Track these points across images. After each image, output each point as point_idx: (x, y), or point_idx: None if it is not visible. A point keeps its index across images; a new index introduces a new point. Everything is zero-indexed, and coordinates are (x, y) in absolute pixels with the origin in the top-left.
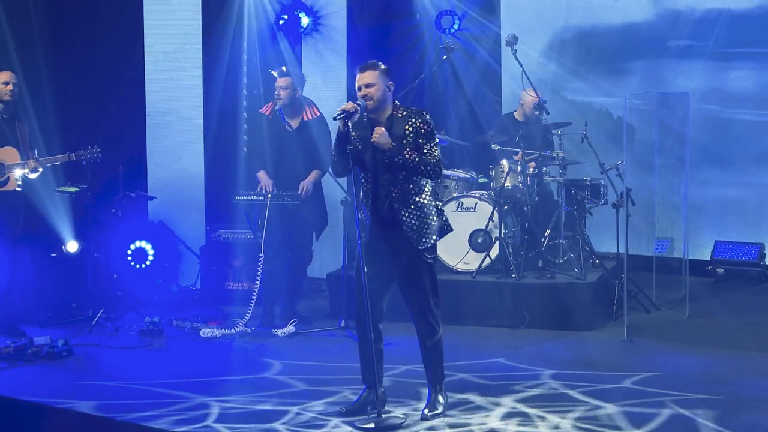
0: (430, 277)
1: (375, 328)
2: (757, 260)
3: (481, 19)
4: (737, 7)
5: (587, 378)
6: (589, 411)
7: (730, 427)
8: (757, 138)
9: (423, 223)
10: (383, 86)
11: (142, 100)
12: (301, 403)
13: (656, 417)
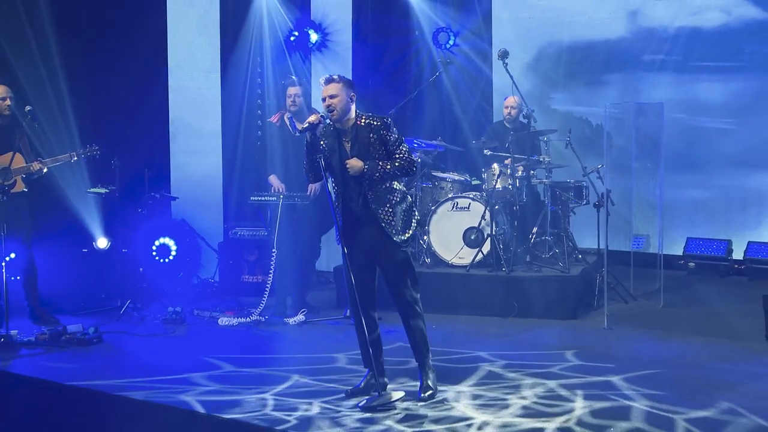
0: (409, 267)
1: (368, 316)
2: (725, 255)
3: (474, 35)
4: (705, 25)
5: (571, 363)
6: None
7: (701, 406)
8: (724, 144)
9: (398, 219)
10: (346, 97)
11: (166, 110)
12: (308, 384)
13: (632, 398)
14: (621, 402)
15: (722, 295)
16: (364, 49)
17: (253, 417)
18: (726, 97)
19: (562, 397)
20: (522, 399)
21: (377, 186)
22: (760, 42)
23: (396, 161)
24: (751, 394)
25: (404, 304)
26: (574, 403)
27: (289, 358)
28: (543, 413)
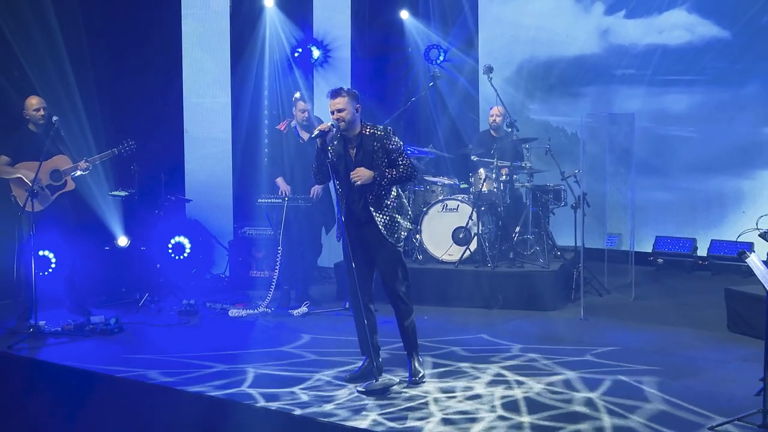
0: (401, 265)
1: (366, 308)
2: (691, 252)
3: (462, 52)
4: (671, 42)
5: (550, 350)
6: (553, 377)
7: (668, 389)
8: (688, 150)
9: (394, 221)
10: (352, 109)
11: (181, 120)
12: (313, 371)
13: (607, 382)
14: (596, 386)
15: (688, 288)
16: (362, 64)
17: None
18: (690, 108)
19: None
20: (507, 385)
21: (377, 190)
22: (719, 58)
23: (400, 167)
24: (715, 379)
25: (395, 298)
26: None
27: (294, 345)
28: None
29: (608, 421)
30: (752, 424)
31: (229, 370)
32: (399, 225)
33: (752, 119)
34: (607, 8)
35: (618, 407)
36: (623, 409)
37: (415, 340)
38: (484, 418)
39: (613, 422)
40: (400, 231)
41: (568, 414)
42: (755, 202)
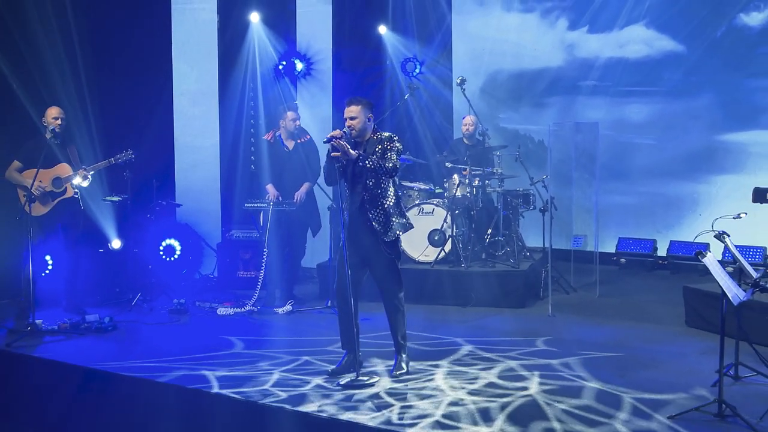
0: (395, 268)
1: (352, 306)
2: (651, 252)
3: (437, 64)
4: (630, 56)
5: (521, 344)
6: (520, 368)
7: (630, 380)
8: (648, 157)
9: (388, 221)
10: (364, 118)
11: (171, 129)
12: (295, 366)
13: (574, 374)
14: (562, 379)
15: (649, 286)
16: (343, 76)
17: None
18: (649, 116)
19: (509, 377)
20: (479, 378)
21: (372, 190)
22: (675, 70)
23: (384, 160)
24: (674, 371)
25: (389, 300)
26: (522, 381)
27: (279, 341)
28: (494, 391)
29: (566, 404)
30: (708, 413)
31: (218, 365)
32: (393, 224)
33: (705, 128)
34: (570, 24)
35: (575, 395)
36: (581, 398)
37: (404, 338)
38: (453, 404)
39: (569, 409)
40: (395, 230)
41: (529, 400)
42: (710, 205)
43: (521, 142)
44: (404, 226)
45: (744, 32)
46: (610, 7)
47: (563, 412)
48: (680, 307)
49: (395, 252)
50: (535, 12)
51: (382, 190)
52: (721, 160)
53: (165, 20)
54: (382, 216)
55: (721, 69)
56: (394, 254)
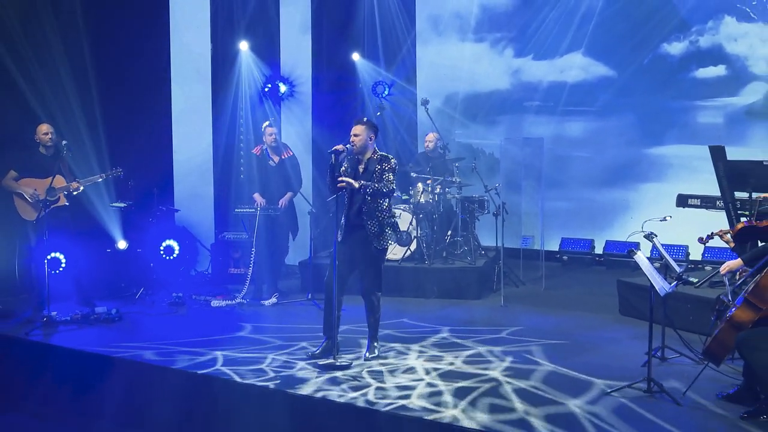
0: (379, 270)
1: (337, 298)
2: (589, 250)
3: (403, 86)
4: (569, 80)
5: (477, 331)
6: (475, 351)
7: (571, 362)
8: (584, 168)
9: (381, 231)
10: (366, 137)
11: (170, 144)
12: (280, 350)
13: (522, 357)
14: (511, 361)
15: (587, 280)
16: (321, 97)
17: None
18: (585, 133)
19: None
20: (440, 361)
21: (370, 203)
22: (608, 92)
23: (382, 183)
24: (610, 354)
25: (369, 295)
26: (475, 364)
27: (265, 329)
28: (453, 372)
29: (520, 386)
30: (639, 389)
31: (212, 350)
32: (385, 234)
33: (633, 142)
34: (516, 52)
35: (527, 376)
36: (531, 378)
37: (377, 329)
38: (419, 384)
39: (523, 387)
40: (386, 240)
41: (486, 380)
42: (639, 209)
43: (475, 154)
44: (395, 237)
45: (667, 60)
46: (551, 37)
47: (514, 391)
48: (615, 298)
49: (383, 257)
50: (486, 42)
51: (378, 203)
52: (646, 170)
53: (164, 48)
54: (377, 227)
55: (646, 91)
56: (382, 259)
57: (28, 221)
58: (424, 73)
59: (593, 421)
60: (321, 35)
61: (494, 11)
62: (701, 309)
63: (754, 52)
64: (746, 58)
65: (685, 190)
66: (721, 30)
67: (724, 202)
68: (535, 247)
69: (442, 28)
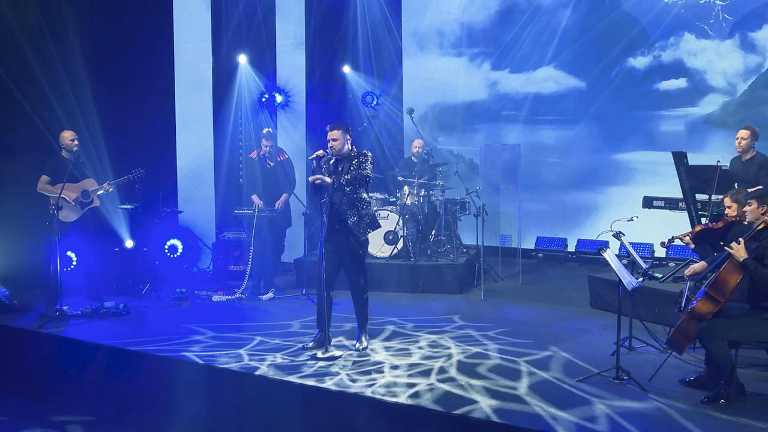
0: (362, 263)
1: (328, 294)
2: (563, 248)
3: (391, 97)
4: (544, 91)
5: (459, 323)
6: (460, 341)
7: (542, 350)
8: (557, 172)
9: (361, 221)
10: (343, 139)
11: (174, 150)
12: (278, 340)
13: (500, 345)
14: (491, 349)
15: (561, 275)
16: (314, 106)
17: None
18: (558, 140)
19: (450, 347)
20: (425, 348)
21: (350, 195)
22: (579, 103)
23: (357, 171)
24: (581, 344)
25: (356, 288)
26: (459, 351)
27: (264, 321)
28: (434, 357)
29: (497, 371)
30: (608, 377)
31: (214, 341)
32: (365, 225)
33: (602, 148)
34: (493, 66)
35: (508, 363)
36: (513, 365)
37: (366, 318)
38: (407, 374)
39: (500, 374)
40: (365, 230)
41: (473, 370)
42: (608, 210)
43: (456, 160)
44: (374, 226)
45: (632, 73)
46: (526, 52)
47: (492, 377)
48: (586, 292)
49: (364, 249)
50: (465, 56)
51: (357, 195)
52: (614, 174)
53: (169, 60)
54: (356, 217)
55: (614, 102)
56: (363, 251)
57: (67, 222)
58: (410, 84)
59: (563, 408)
60: (314, 49)
61: (473, 28)
62: (665, 302)
63: (712, 67)
64: (704, 71)
65: (650, 192)
66: (682, 46)
67: (686, 203)
68: (513, 245)
69: (426, 44)
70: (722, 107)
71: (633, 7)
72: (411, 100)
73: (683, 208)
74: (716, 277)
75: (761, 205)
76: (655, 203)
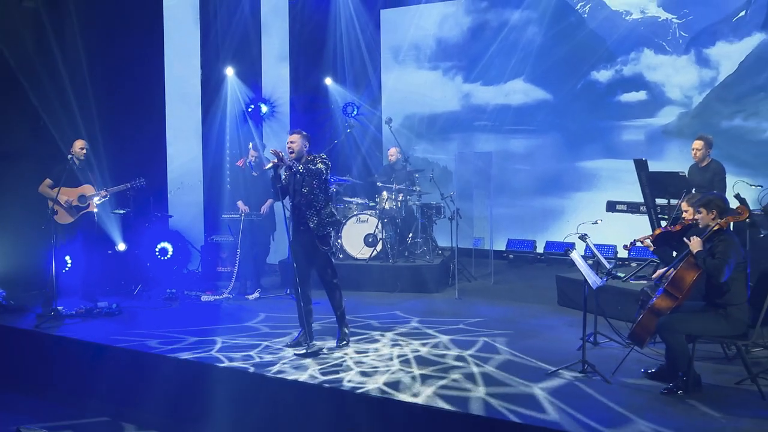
0: (329, 260)
1: (305, 293)
2: (532, 249)
3: (370, 107)
4: (512, 103)
5: (434, 321)
6: (435, 340)
7: (517, 347)
8: (527, 179)
9: (320, 219)
10: (301, 144)
11: (165, 157)
12: (262, 339)
13: (475, 343)
14: (463, 345)
15: (530, 275)
16: (298, 116)
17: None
18: (527, 148)
19: (426, 343)
20: (403, 345)
21: (308, 196)
22: (546, 113)
23: (308, 171)
24: (549, 339)
25: (327, 285)
26: (434, 348)
27: (248, 320)
28: (416, 355)
29: (474, 369)
30: (575, 370)
31: (201, 340)
32: (324, 221)
33: (568, 156)
34: (465, 79)
35: (480, 360)
36: (483, 362)
37: (343, 314)
38: (388, 371)
39: (477, 371)
40: (325, 227)
41: (446, 366)
42: (574, 214)
43: (431, 167)
44: (334, 224)
45: (596, 85)
46: (497, 66)
47: (465, 372)
48: (554, 290)
49: (327, 245)
50: (439, 70)
51: (314, 195)
52: (579, 180)
53: (160, 73)
54: (315, 216)
55: (579, 113)
56: (327, 247)
57: (61, 224)
58: (388, 95)
59: (535, 399)
60: (298, 62)
61: (447, 43)
62: (627, 300)
63: (669, 80)
64: (663, 85)
65: (613, 197)
66: (642, 61)
67: (647, 207)
68: (485, 247)
69: (403, 58)
70: (679, 118)
71: (597, 24)
72: (389, 111)
73: (644, 211)
74: (674, 275)
75: (709, 211)
76: (617, 207)
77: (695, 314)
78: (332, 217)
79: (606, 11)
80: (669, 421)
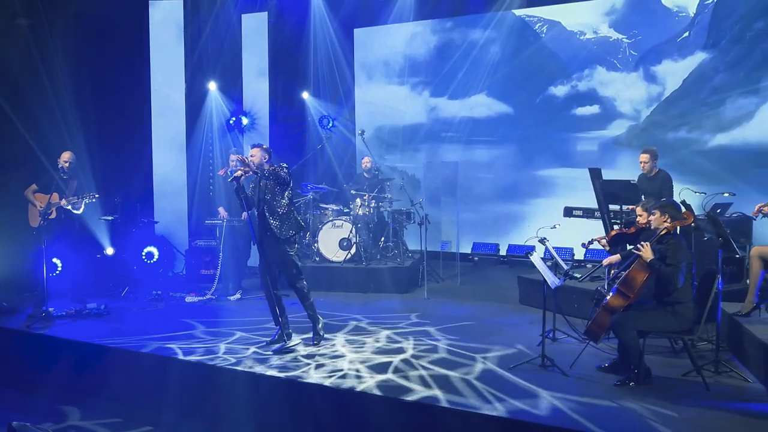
0: (293, 262)
1: (275, 294)
2: (495, 252)
3: (344, 119)
4: (477, 115)
5: (405, 318)
6: (406, 336)
7: (480, 341)
8: (490, 186)
9: (282, 223)
10: (261, 156)
11: (151, 166)
12: (243, 336)
13: (440, 339)
14: (433, 342)
15: (494, 276)
16: (277, 128)
17: (210, 358)
18: (489, 158)
19: (397, 341)
20: (375, 342)
21: (270, 202)
22: (507, 125)
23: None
24: (512, 336)
25: (294, 285)
26: (406, 344)
27: (230, 319)
28: (387, 350)
29: (436, 360)
30: (535, 364)
31: (187, 338)
32: (288, 226)
33: (527, 166)
34: (432, 93)
35: (451, 355)
36: (452, 355)
37: (315, 314)
38: (354, 363)
39: (438, 363)
40: (288, 230)
41: (406, 357)
42: (534, 219)
43: (401, 175)
44: (297, 228)
45: (553, 100)
46: (462, 81)
47: (431, 365)
48: (515, 290)
49: (291, 247)
50: (407, 85)
51: (276, 201)
52: (538, 187)
53: (146, 87)
54: (278, 220)
55: (538, 125)
56: (291, 249)
57: (32, 227)
58: (361, 108)
59: (498, 391)
60: (276, 77)
61: (415, 60)
62: (584, 298)
63: (620, 95)
64: (614, 99)
65: (570, 203)
66: (595, 77)
67: (601, 213)
68: (452, 250)
69: (374, 73)
70: (628, 130)
71: (554, 43)
72: (362, 123)
73: (598, 216)
74: (626, 276)
75: (663, 214)
76: (574, 213)
77: (646, 312)
78: (295, 222)
79: (562, 31)
80: (622, 411)
